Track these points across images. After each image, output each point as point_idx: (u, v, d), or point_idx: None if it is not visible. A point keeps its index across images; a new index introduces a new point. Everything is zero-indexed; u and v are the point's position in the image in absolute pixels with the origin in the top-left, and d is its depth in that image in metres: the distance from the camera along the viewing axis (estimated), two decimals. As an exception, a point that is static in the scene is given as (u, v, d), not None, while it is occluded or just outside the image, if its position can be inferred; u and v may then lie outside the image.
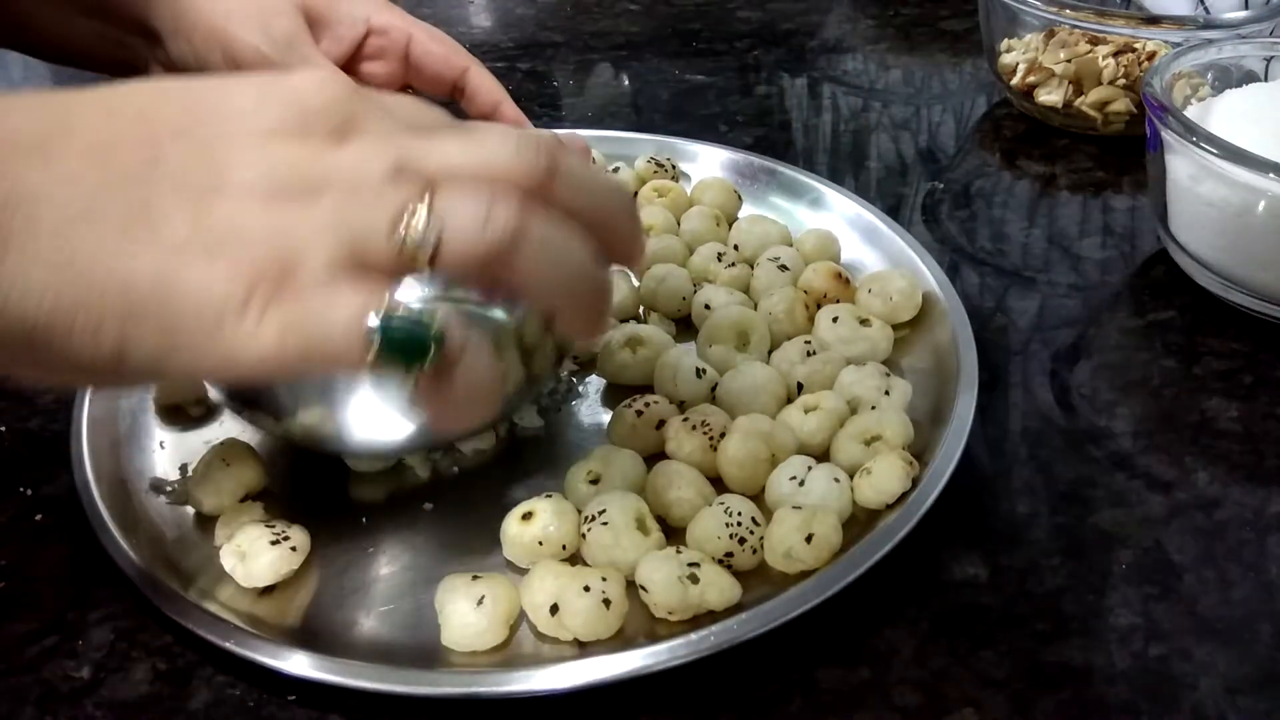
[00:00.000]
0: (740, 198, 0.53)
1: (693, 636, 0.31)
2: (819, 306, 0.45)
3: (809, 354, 0.42)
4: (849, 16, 0.79)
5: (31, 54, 0.62)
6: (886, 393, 0.40)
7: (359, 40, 0.55)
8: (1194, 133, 0.44)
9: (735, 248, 0.49)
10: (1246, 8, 0.62)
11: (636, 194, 0.53)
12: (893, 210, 0.55)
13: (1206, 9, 0.64)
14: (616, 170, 0.55)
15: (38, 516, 0.38)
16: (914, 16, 0.78)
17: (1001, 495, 0.39)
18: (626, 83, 0.71)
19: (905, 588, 0.35)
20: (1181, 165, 0.47)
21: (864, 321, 0.43)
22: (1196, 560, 0.36)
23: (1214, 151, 0.44)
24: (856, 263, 0.49)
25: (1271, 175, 0.42)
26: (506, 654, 0.33)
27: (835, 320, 0.43)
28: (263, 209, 0.28)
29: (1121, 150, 0.60)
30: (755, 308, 0.45)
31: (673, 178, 0.54)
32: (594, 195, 0.31)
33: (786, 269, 0.46)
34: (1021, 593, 0.35)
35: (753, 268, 0.47)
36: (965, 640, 0.34)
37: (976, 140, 0.63)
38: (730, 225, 0.51)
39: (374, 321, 0.27)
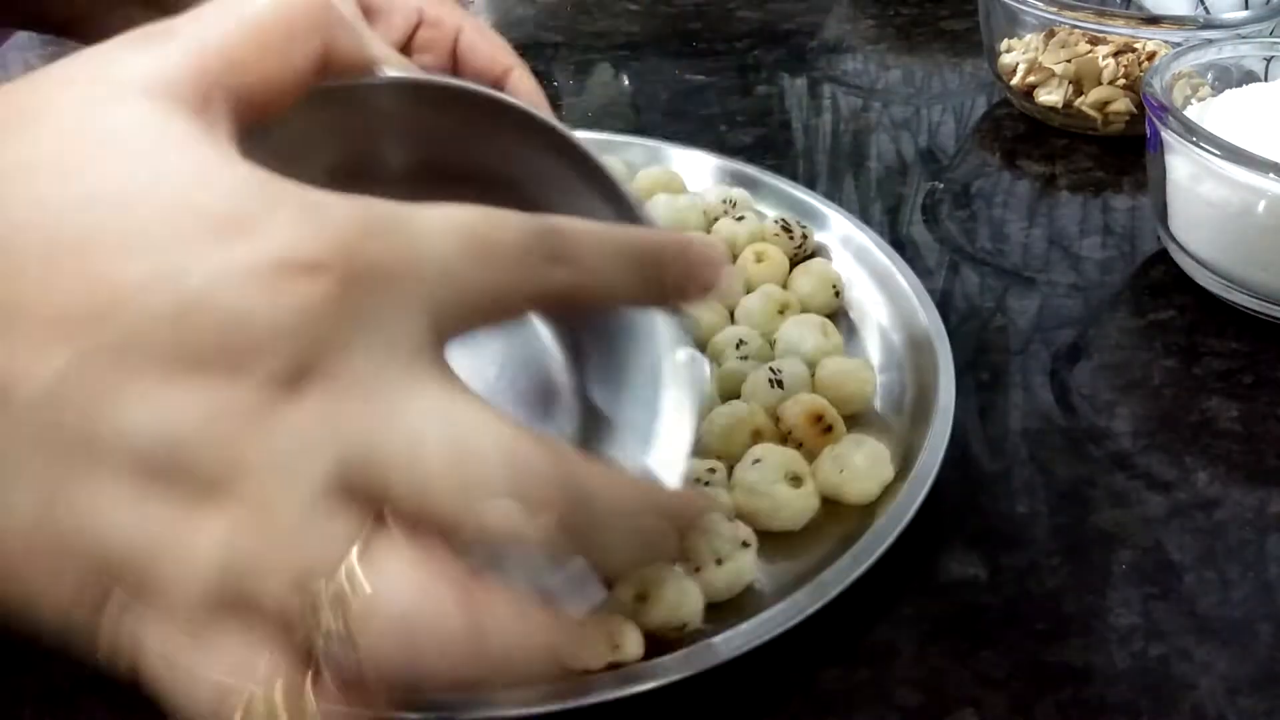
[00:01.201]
0: (839, 294, 0.47)
1: (692, 649, 0.31)
2: (786, 439, 0.39)
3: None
4: (849, 16, 0.79)
5: (63, 36, 0.62)
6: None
7: (411, 30, 0.55)
8: (1194, 133, 0.44)
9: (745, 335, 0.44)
10: (1246, 8, 0.62)
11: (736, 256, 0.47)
12: (892, 210, 0.55)
13: (1206, 9, 0.64)
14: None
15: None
16: (914, 16, 0.78)
17: (1001, 495, 0.39)
18: (626, 83, 0.71)
19: (905, 588, 0.35)
20: (1181, 165, 0.47)
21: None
22: (1196, 560, 0.36)
23: (1214, 151, 0.44)
24: (844, 281, 0.47)
25: (1271, 175, 0.42)
26: None
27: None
28: (120, 496, 0.19)
29: (1121, 150, 0.60)
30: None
31: (798, 246, 0.48)
32: (627, 533, 0.23)
33: (780, 386, 0.40)
34: (1021, 593, 0.35)
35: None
36: (965, 640, 0.34)
37: (976, 140, 0.63)
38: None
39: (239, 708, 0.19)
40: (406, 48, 0.55)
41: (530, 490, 0.21)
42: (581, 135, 0.33)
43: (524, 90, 0.57)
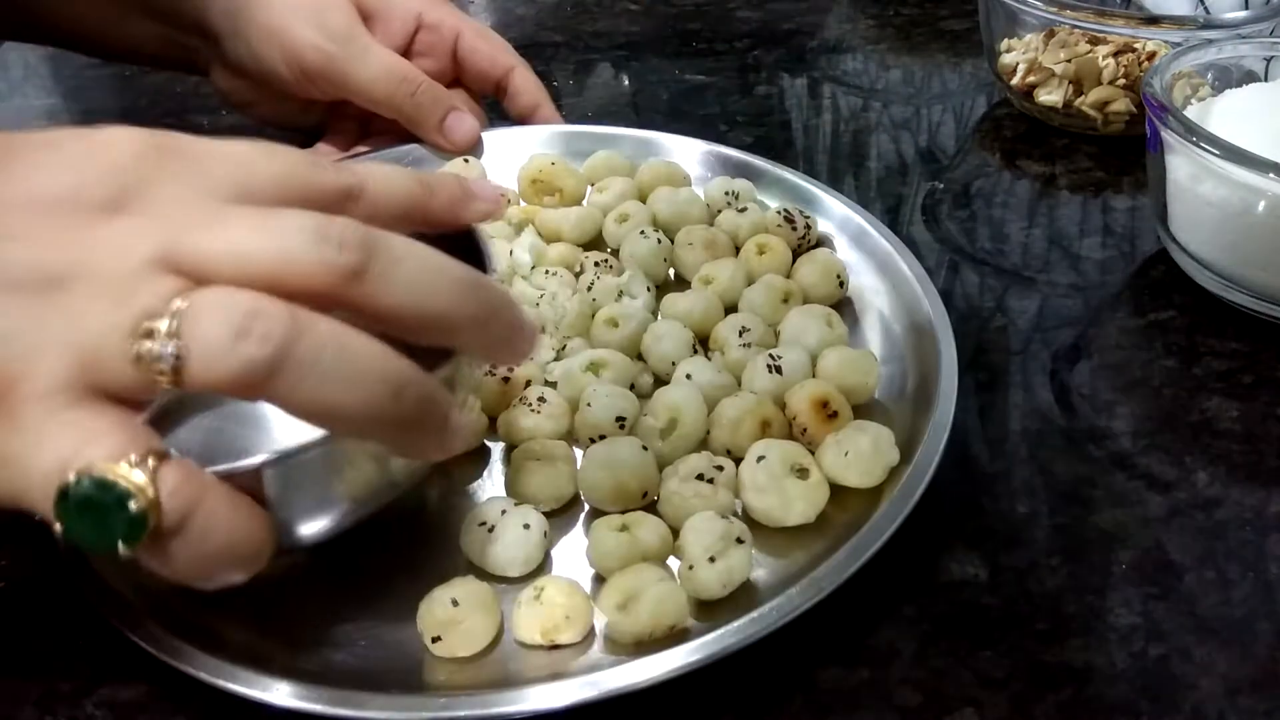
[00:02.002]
0: (843, 284, 0.47)
1: (690, 645, 0.31)
2: (791, 425, 0.39)
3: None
4: (849, 16, 0.79)
5: (86, 53, 0.62)
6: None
7: (410, 34, 0.56)
8: (1194, 133, 0.44)
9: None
10: (1246, 8, 0.62)
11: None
12: (892, 210, 0.55)
13: (1206, 9, 0.64)
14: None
15: (37, 517, 0.38)
16: (914, 16, 0.78)
17: (1001, 495, 0.39)
18: (626, 83, 0.71)
19: (905, 588, 0.35)
20: (1181, 165, 0.47)
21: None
22: (1196, 560, 0.36)
23: (1214, 151, 0.44)
24: (848, 269, 0.48)
25: (1271, 175, 0.42)
26: (492, 673, 0.32)
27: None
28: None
29: (1121, 150, 0.60)
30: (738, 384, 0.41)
31: (801, 236, 0.48)
32: (423, 294, 0.26)
33: (779, 373, 0.40)
34: (1021, 593, 0.35)
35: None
36: (965, 640, 0.34)
37: (976, 140, 0.63)
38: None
39: (69, 479, 0.22)
40: (406, 52, 0.55)
41: (329, 246, 0.25)
42: (584, 129, 0.33)
43: (525, 88, 0.57)
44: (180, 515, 0.23)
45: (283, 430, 0.38)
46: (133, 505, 0.23)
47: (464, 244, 0.33)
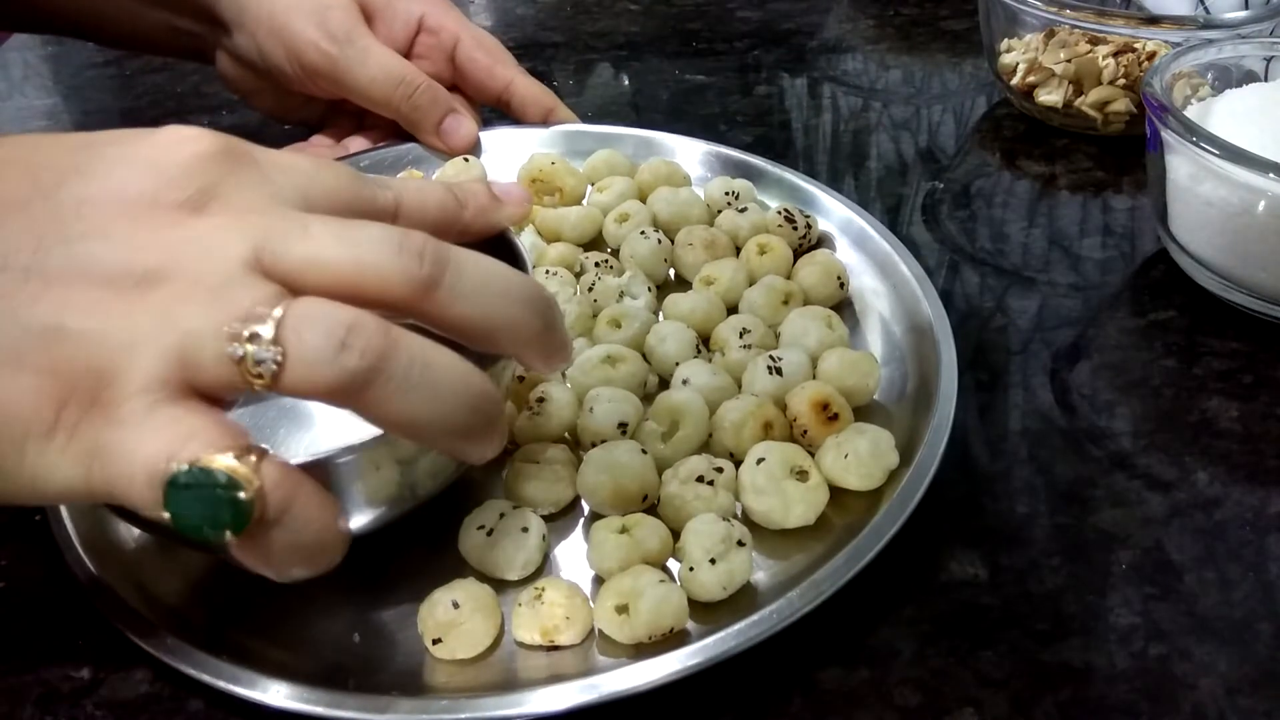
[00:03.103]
0: (843, 285, 0.47)
1: (690, 648, 0.31)
2: (791, 426, 0.39)
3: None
4: (849, 16, 0.79)
5: (95, 41, 0.63)
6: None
7: (411, 36, 0.56)
8: (1194, 133, 0.44)
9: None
10: (1246, 8, 0.62)
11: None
12: (892, 210, 0.55)
13: (1206, 9, 0.64)
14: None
15: (37, 517, 0.38)
16: (914, 16, 0.78)
17: (1001, 495, 0.39)
18: (626, 83, 0.71)
19: (905, 588, 0.35)
20: (1181, 165, 0.47)
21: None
22: (1196, 560, 0.36)
23: (1214, 151, 0.44)
24: (848, 270, 0.48)
25: (1271, 175, 0.42)
26: (493, 675, 0.32)
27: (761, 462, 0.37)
28: (88, 302, 0.24)
29: (1121, 150, 0.60)
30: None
31: (802, 236, 0.48)
32: (489, 304, 0.27)
33: (779, 374, 0.40)
34: (1021, 593, 0.35)
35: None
36: (965, 640, 0.34)
37: (976, 140, 0.63)
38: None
39: (177, 470, 0.23)
40: (406, 54, 0.55)
41: (409, 256, 0.26)
42: (584, 129, 0.33)
43: (532, 97, 0.57)
44: (281, 506, 0.24)
45: (323, 424, 0.40)
46: (242, 495, 0.23)
47: (496, 247, 0.34)
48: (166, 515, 0.23)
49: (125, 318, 0.24)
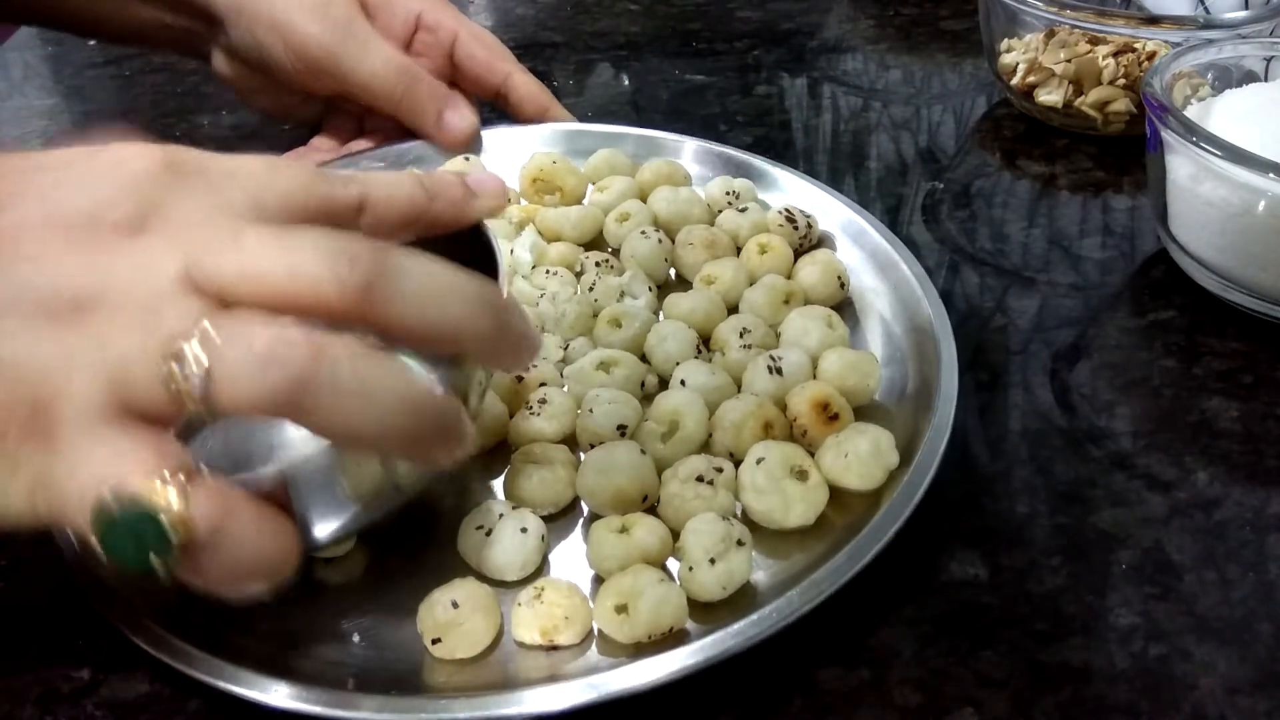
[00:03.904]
0: (844, 285, 0.46)
1: (689, 648, 0.31)
2: (791, 426, 0.39)
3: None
4: (849, 16, 0.79)
5: (87, 35, 0.63)
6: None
7: (409, 33, 0.56)
8: (1194, 133, 0.44)
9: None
10: (1246, 8, 0.61)
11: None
12: (892, 210, 0.55)
13: (1206, 9, 0.64)
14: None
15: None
16: (914, 16, 0.78)
17: (1001, 495, 0.39)
18: (626, 82, 0.71)
19: (905, 588, 0.35)
20: (1181, 165, 0.47)
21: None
22: (1196, 560, 0.36)
23: (1214, 151, 0.44)
24: (849, 270, 0.48)
25: (1271, 175, 0.42)
26: (492, 675, 0.32)
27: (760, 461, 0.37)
28: (23, 330, 0.24)
29: (1121, 150, 0.60)
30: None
31: (803, 236, 0.48)
32: (433, 308, 0.26)
33: (780, 374, 0.40)
34: (1021, 593, 0.35)
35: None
36: (965, 640, 0.34)
37: (976, 140, 0.63)
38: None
39: (105, 497, 0.23)
40: (405, 50, 0.55)
41: (341, 264, 0.25)
42: (585, 128, 0.32)
43: (528, 94, 0.57)
44: (211, 529, 0.24)
45: (298, 428, 0.39)
46: (165, 521, 0.23)
47: (471, 240, 0.33)
48: (96, 544, 0.23)
49: (60, 344, 0.24)
